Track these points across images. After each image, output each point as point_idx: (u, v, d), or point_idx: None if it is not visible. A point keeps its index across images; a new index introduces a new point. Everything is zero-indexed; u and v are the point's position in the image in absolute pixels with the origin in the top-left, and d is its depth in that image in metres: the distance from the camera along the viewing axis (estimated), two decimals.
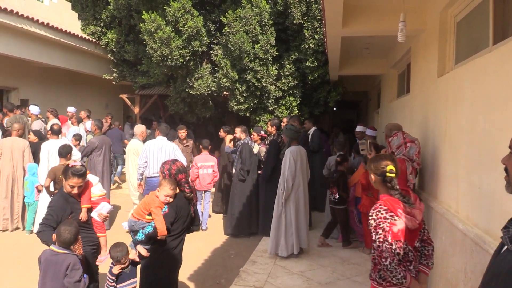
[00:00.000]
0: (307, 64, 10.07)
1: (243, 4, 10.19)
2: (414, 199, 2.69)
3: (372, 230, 2.57)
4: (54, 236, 3.14)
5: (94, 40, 12.35)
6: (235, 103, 10.55)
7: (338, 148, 6.97)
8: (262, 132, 7.71)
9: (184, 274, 5.49)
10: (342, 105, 15.38)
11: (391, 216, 2.54)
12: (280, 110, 10.56)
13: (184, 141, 8.47)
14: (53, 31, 10.42)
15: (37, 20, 9.74)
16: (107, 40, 12.39)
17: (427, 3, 5.05)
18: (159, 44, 10.08)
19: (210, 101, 11.65)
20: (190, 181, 3.95)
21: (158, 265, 3.36)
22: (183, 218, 3.42)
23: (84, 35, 12.11)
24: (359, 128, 8.02)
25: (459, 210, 3.50)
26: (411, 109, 5.98)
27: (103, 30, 12.57)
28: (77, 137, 7.96)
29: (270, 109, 10.57)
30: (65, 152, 5.95)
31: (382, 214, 2.55)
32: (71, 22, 12.08)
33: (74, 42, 11.41)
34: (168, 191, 3.30)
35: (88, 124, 9.75)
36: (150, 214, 3.30)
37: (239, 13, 10.01)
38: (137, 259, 3.38)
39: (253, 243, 6.68)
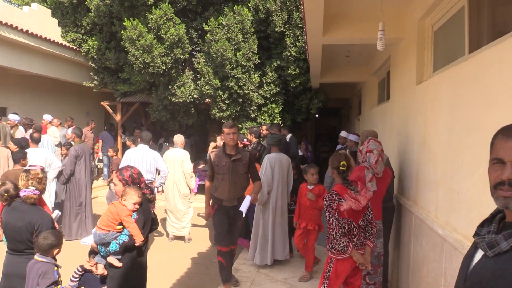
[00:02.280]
0: (289, 71, 10.15)
1: (225, 12, 10.23)
2: (360, 189, 3.54)
3: (325, 209, 3.48)
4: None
5: (74, 47, 12.22)
6: (217, 111, 10.55)
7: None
8: (245, 140, 7.71)
9: (166, 284, 5.44)
10: (324, 112, 15.54)
11: (339, 198, 3.44)
12: (262, 117, 10.59)
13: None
14: (32, 38, 10.27)
15: (16, 27, 9.59)
16: (88, 47, 12.26)
17: (405, 12, 5.15)
18: (141, 52, 10.03)
19: (193, 109, 11.61)
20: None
21: (130, 273, 3.33)
22: (149, 220, 3.47)
23: (64, 42, 11.97)
24: (343, 134, 8.18)
25: (438, 215, 3.56)
26: (391, 116, 6.07)
27: (84, 37, 12.44)
28: (67, 146, 7.86)
29: (252, 116, 10.59)
30: (18, 158, 5.90)
31: (333, 197, 3.46)
32: (51, 29, 11.93)
33: (54, 49, 11.26)
34: (137, 198, 3.30)
35: (69, 131, 9.62)
36: (120, 224, 3.28)
37: (221, 20, 10.04)
38: (106, 273, 3.33)
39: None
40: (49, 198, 7.12)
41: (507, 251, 1.20)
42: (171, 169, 7.19)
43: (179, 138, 7.42)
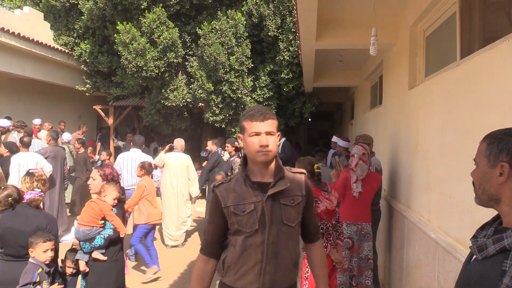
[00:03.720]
0: (282, 75, 10.16)
1: (218, 16, 10.24)
2: (330, 190, 3.73)
3: None
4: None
5: (67, 51, 12.14)
6: (210, 115, 10.54)
7: (318, 159, 7.09)
8: (236, 143, 7.71)
9: None
10: (317, 116, 15.57)
11: (316, 200, 3.44)
12: None
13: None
14: (24, 41, 10.20)
15: (8, 30, 9.51)
16: (80, 50, 12.19)
17: (398, 18, 5.20)
18: (134, 55, 10.01)
19: (186, 113, 11.59)
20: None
21: (113, 266, 3.44)
22: (124, 216, 3.71)
23: (56, 46, 11.89)
24: (334, 139, 8.20)
25: (431, 219, 3.58)
26: (384, 120, 6.11)
27: (76, 40, 12.38)
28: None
29: None
30: None
31: None
32: (43, 32, 11.85)
33: (46, 52, 11.18)
34: (116, 193, 3.52)
35: (66, 135, 9.56)
36: (102, 219, 3.40)
37: (215, 25, 10.05)
38: (87, 269, 3.39)
39: None
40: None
41: (493, 255, 1.23)
42: (173, 174, 7.09)
43: (179, 142, 7.35)
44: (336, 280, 3.76)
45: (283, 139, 8.64)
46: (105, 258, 3.36)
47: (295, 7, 4.68)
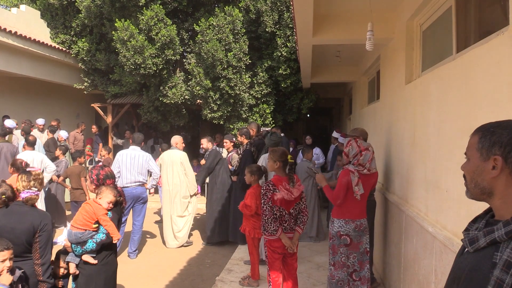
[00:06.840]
0: (280, 71, 10.18)
1: (216, 13, 10.23)
2: (296, 181, 4.05)
3: (262, 197, 3.97)
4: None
5: (64, 49, 12.13)
6: (208, 111, 10.55)
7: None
8: (235, 139, 7.70)
9: (160, 285, 5.43)
10: (316, 112, 15.57)
11: (274, 188, 3.93)
12: (253, 117, 10.61)
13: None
14: (21, 39, 10.18)
15: (5, 29, 9.50)
16: (77, 49, 12.18)
17: (394, 12, 5.20)
18: (132, 53, 10.00)
19: (184, 110, 11.60)
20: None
21: (103, 270, 3.41)
22: (121, 220, 3.70)
23: (54, 44, 11.88)
24: (335, 135, 8.30)
25: (428, 213, 3.59)
26: (381, 115, 6.12)
27: (74, 38, 12.36)
28: (62, 149, 7.78)
29: (244, 117, 10.61)
30: (75, 156, 6.61)
31: (269, 187, 3.95)
32: (40, 30, 11.84)
33: (43, 51, 11.17)
34: (112, 197, 3.44)
35: (63, 133, 9.56)
36: (96, 223, 3.36)
37: (212, 21, 10.05)
38: (77, 272, 3.38)
39: (228, 252, 6.66)
40: (40, 201, 7.05)
41: (484, 247, 1.24)
42: (169, 172, 7.09)
43: (174, 139, 7.32)
44: (296, 263, 4.26)
45: (281, 135, 8.66)
46: (95, 261, 3.32)
47: (291, 3, 4.68)
